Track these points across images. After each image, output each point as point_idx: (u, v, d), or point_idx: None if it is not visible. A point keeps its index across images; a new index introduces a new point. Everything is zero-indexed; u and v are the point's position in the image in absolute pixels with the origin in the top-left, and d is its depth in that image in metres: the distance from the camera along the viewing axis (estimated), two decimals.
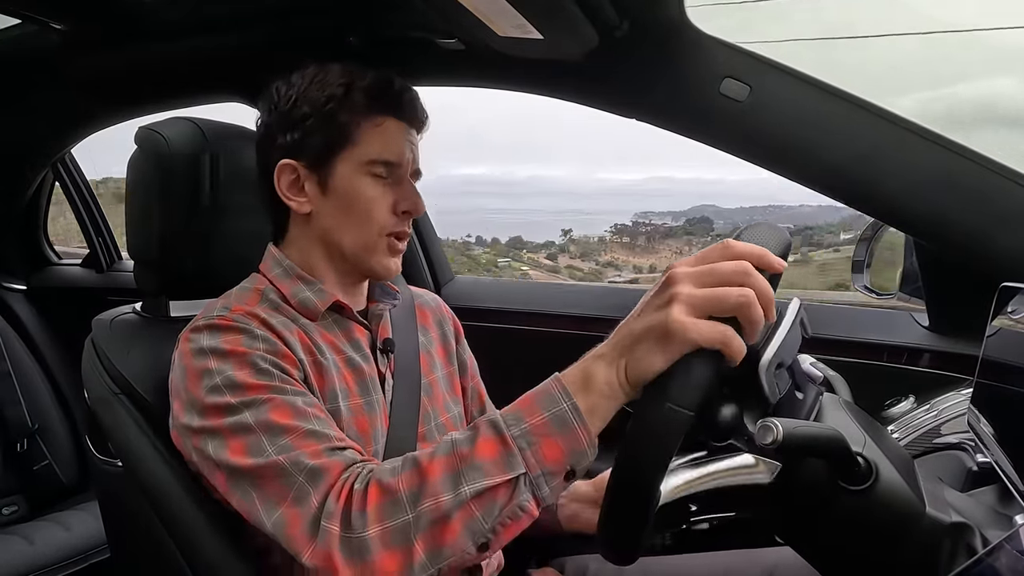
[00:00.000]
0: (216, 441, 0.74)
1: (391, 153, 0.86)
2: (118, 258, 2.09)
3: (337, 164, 0.86)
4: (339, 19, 1.18)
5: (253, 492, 0.71)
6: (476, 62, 1.17)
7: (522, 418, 0.63)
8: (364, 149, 0.85)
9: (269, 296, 0.87)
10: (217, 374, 0.75)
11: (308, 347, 0.83)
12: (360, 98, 0.85)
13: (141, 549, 0.92)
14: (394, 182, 0.87)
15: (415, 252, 1.65)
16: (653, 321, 0.58)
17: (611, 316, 1.46)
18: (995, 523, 0.64)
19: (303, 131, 0.86)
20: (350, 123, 0.85)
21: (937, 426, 0.98)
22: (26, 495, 1.76)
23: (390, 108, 0.86)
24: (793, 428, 0.57)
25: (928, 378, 1.19)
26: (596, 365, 0.63)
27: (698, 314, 0.57)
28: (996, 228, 0.94)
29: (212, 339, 0.78)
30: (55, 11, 1.27)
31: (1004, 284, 0.78)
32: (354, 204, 0.86)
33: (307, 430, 0.72)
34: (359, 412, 0.85)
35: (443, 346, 1.03)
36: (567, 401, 0.62)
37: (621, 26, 1.00)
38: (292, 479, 0.68)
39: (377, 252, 0.88)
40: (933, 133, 0.95)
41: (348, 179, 0.86)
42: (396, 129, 0.87)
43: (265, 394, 0.74)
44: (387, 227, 0.87)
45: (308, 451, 0.70)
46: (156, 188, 0.94)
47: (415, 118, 0.90)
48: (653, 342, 0.58)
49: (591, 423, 0.62)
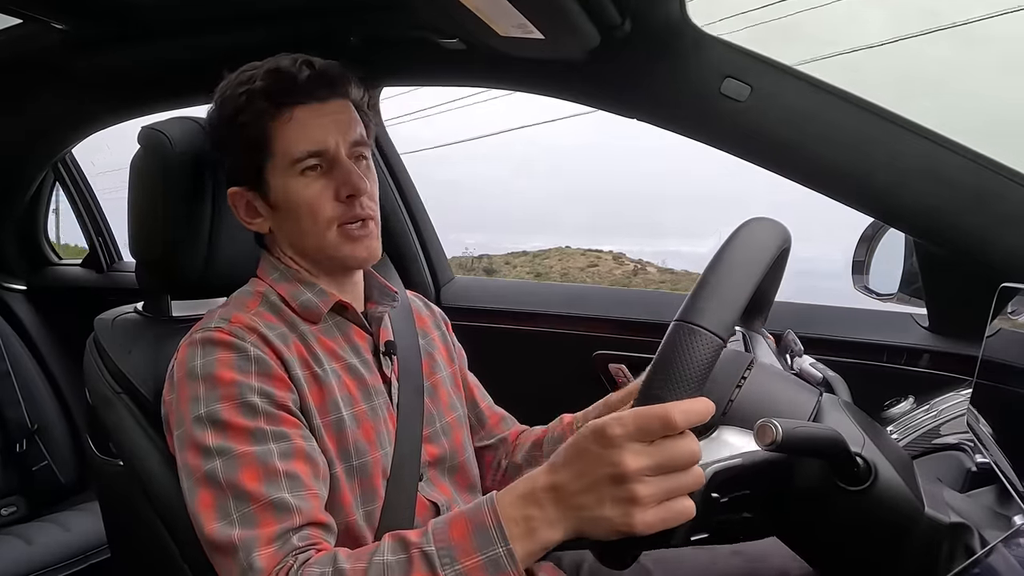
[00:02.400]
0: (189, 484, 0.75)
1: (310, 143, 0.82)
2: (118, 258, 2.09)
3: (269, 178, 0.84)
4: (340, 19, 1.18)
5: (208, 552, 0.74)
6: (477, 62, 1.17)
7: (455, 557, 0.61)
8: (283, 151, 0.82)
9: (270, 299, 0.87)
10: (204, 404, 0.76)
11: (305, 360, 0.83)
12: (260, 102, 0.81)
13: (141, 548, 0.92)
14: (328, 168, 0.83)
15: (415, 252, 1.65)
16: (615, 516, 0.57)
17: (611, 316, 1.48)
18: (994, 524, 0.64)
19: (230, 154, 0.86)
20: (260, 131, 0.82)
21: (936, 427, 0.98)
22: (25, 495, 1.77)
23: (289, 95, 0.81)
24: (792, 428, 0.57)
25: (928, 379, 1.19)
26: (538, 517, 0.60)
27: (659, 505, 0.57)
28: (996, 228, 0.94)
29: (206, 356, 0.78)
30: (55, 11, 1.27)
31: (1004, 284, 0.78)
32: (297, 209, 0.83)
33: (271, 501, 0.72)
34: (363, 419, 0.84)
35: (444, 346, 1.03)
36: (503, 546, 0.60)
37: (622, 26, 1.01)
38: (239, 563, 0.70)
39: (339, 246, 0.84)
40: (933, 133, 0.96)
41: (283, 188, 0.83)
42: (306, 116, 0.82)
43: (242, 445, 0.74)
44: (335, 218, 0.83)
45: (262, 532, 0.70)
46: (159, 187, 0.94)
47: (326, 94, 0.83)
48: (612, 530, 0.58)
49: (524, 565, 0.61)
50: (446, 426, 0.95)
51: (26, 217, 2.06)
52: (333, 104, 0.84)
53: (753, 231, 0.64)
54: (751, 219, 0.66)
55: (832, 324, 1.31)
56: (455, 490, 0.93)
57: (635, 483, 0.56)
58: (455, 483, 0.94)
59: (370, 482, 0.83)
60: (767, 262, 0.63)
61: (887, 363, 1.25)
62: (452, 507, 0.90)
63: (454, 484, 0.94)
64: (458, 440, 0.96)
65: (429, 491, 0.89)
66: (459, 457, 0.95)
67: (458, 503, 0.92)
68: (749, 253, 0.63)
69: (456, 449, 0.95)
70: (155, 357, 0.91)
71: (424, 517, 0.86)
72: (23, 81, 1.58)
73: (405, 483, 0.86)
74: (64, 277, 2.11)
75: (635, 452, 0.56)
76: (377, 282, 0.95)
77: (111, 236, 2.08)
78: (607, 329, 1.46)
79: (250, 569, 0.69)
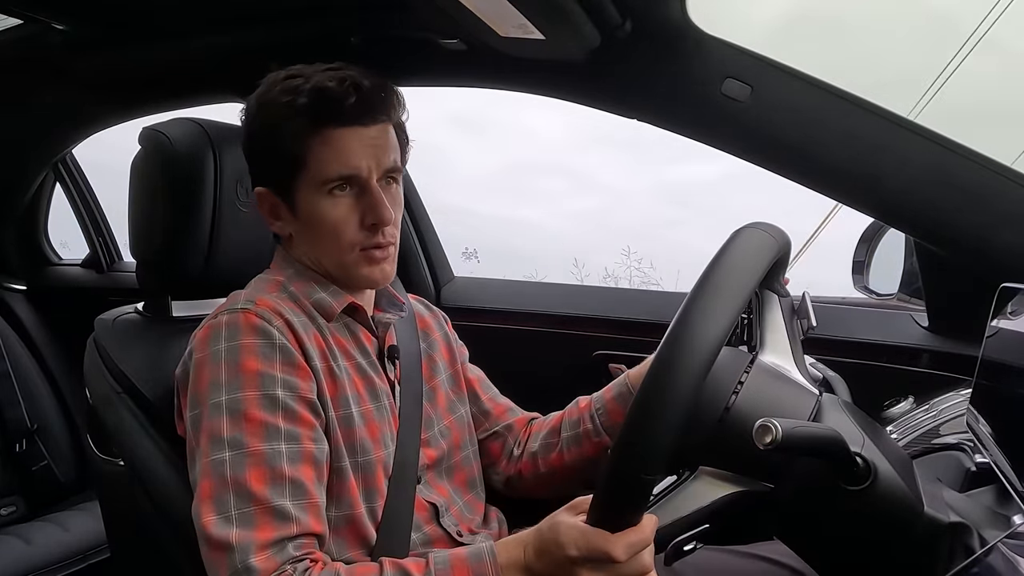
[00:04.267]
0: (197, 466, 0.76)
1: (344, 166, 0.81)
2: (118, 258, 2.09)
3: (297, 190, 0.83)
4: (340, 19, 1.18)
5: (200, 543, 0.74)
6: (478, 62, 1.17)
7: None
8: (317, 170, 0.82)
9: (288, 288, 0.87)
10: (225, 391, 0.76)
11: (324, 353, 0.83)
12: (301, 119, 0.80)
13: (142, 548, 0.92)
14: (358, 193, 0.83)
15: (415, 252, 1.65)
16: None
17: (611, 316, 1.48)
18: (993, 523, 0.64)
19: (262, 161, 0.86)
20: (297, 147, 0.81)
21: (936, 427, 0.98)
22: (25, 495, 1.76)
23: (333, 118, 0.81)
24: (792, 428, 0.57)
25: (927, 378, 1.19)
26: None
27: None
28: (996, 228, 0.94)
29: (231, 340, 0.78)
30: (56, 11, 1.27)
31: (1004, 284, 0.78)
32: (320, 227, 0.84)
33: (273, 507, 0.73)
34: (370, 418, 0.85)
35: (447, 345, 1.04)
36: None
37: (623, 26, 1.01)
38: (232, 565, 0.71)
39: (357, 267, 0.85)
40: (933, 133, 0.96)
41: (310, 203, 0.83)
42: (345, 138, 0.81)
43: (254, 441, 0.74)
44: (357, 243, 0.84)
45: (258, 538, 0.71)
46: (160, 188, 0.94)
47: (367, 116, 0.82)
48: None
49: None
50: (444, 429, 0.96)
51: (26, 217, 2.06)
52: (374, 129, 0.83)
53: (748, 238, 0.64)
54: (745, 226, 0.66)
55: (832, 324, 1.31)
56: (453, 490, 0.95)
57: None
58: (453, 482, 0.95)
59: (373, 479, 0.84)
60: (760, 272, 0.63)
61: (887, 363, 1.25)
62: (451, 507, 0.92)
63: (452, 484, 0.95)
64: (456, 440, 0.97)
65: (427, 493, 0.90)
66: (456, 456, 0.96)
67: (456, 503, 0.94)
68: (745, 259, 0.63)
69: (454, 449, 0.96)
70: (156, 357, 0.91)
71: (422, 518, 0.88)
72: (23, 81, 1.58)
73: (404, 485, 0.87)
74: (64, 277, 2.10)
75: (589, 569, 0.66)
76: (387, 292, 0.95)
77: (111, 236, 2.09)
78: (607, 329, 1.46)
79: (246, 572, 0.70)
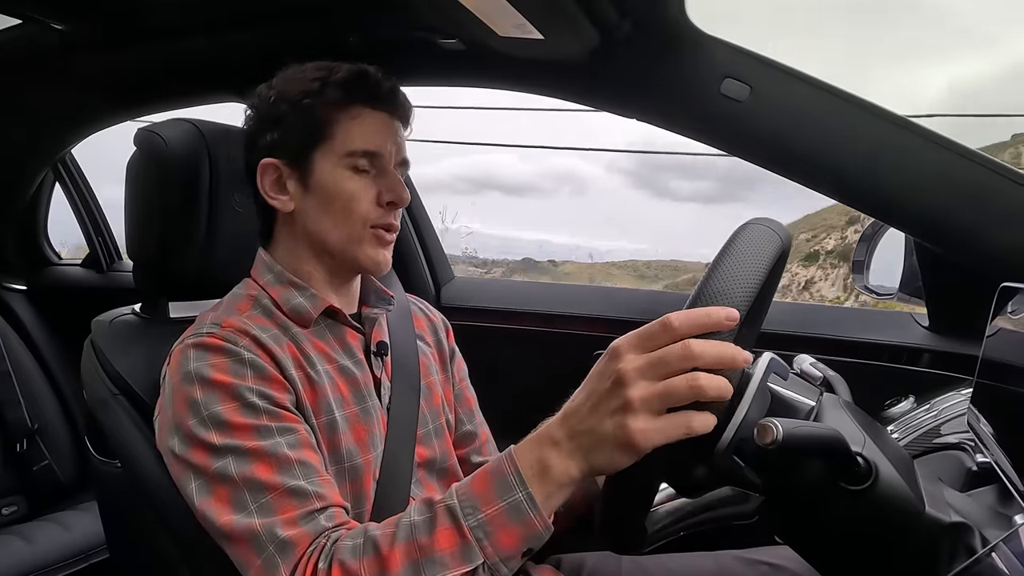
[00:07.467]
0: (200, 482, 0.74)
1: (370, 143, 0.85)
2: (118, 258, 2.09)
3: (316, 159, 0.85)
4: (339, 19, 1.18)
5: (225, 545, 0.72)
6: (476, 62, 1.17)
7: (478, 507, 0.63)
8: (342, 142, 0.84)
9: (262, 302, 0.87)
10: (204, 407, 0.75)
11: (299, 361, 0.82)
12: (335, 91, 0.84)
13: (140, 549, 0.92)
14: (377, 174, 0.86)
15: (415, 252, 1.65)
16: (612, 429, 0.58)
17: (611, 316, 1.48)
18: (994, 523, 0.64)
19: (281, 129, 0.86)
20: (326, 117, 0.84)
21: (937, 426, 0.98)
22: (26, 495, 1.76)
23: (366, 98, 0.85)
24: (792, 428, 0.57)
25: (928, 378, 1.19)
26: (552, 454, 0.62)
27: (656, 414, 0.57)
28: (995, 227, 0.94)
29: (199, 360, 0.77)
30: (55, 11, 1.27)
31: (1004, 284, 0.77)
32: (336, 198, 0.84)
33: (288, 488, 0.72)
34: (356, 421, 0.84)
35: (439, 352, 1.03)
36: (522, 491, 0.62)
37: (622, 26, 1.00)
38: (263, 547, 0.69)
39: (364, 244, 0.86)
40: (933, 133, 0.95)
41: (328, 174, 0.85)
42: (374, 119, 0.86)
43: (249, 440, 0.73)
44: (371, 219, 0.85)
45: (283, 518, 0.70)
46: (155, 189, 0.94)
47: (395, 108, 0.88)
48: (615, 448, 0.58)
49: (546, 510, 0.62)
50: (438, 429, 0.95)
51: (26, 217, 2.06)
52: (396, 122, 0.89)
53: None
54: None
55: (832, 324, 1.31)
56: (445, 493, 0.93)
57: (628, 388, 0.57)
58: (444, 487, 0.93)
59: (360, 484, 0.83)
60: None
61: (887, 363, 1.25)
62: None
63: (443, 488, 0.93)
64: (448, 445, 0.96)
65: (418, 492, 0.89)
66: (449, 461, 0.95)
67: None
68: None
69: (447, 453, 0.95)
70: (152, 358, 0.90)
71: None
72: (23, 81, 1.58)
73: (397, 482, 0.85)
74: (64, 277, 2.10)
75: (632, 358, 0.58)
76: (374, 286, 0.95)
77: (110, 236, 2.09)
78: (607, 329, 1.46)
79: (280, 550, 0.68)
